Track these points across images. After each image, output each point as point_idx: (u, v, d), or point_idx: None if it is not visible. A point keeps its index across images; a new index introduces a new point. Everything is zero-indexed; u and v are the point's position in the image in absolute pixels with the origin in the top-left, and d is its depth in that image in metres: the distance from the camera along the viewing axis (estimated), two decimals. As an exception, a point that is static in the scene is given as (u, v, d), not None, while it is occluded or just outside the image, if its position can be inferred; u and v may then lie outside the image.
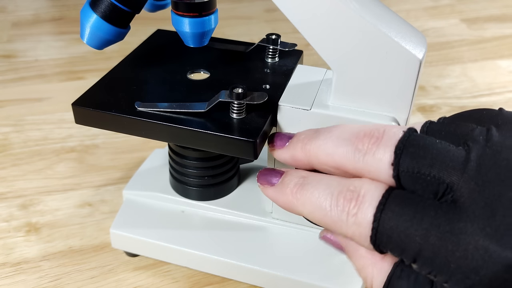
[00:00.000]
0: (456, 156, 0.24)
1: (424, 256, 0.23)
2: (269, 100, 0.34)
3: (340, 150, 0.27)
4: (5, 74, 0.74)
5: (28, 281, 0.43)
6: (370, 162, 0.25)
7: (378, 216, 0.24)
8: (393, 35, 0.30)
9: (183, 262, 0.42)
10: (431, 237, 0.23)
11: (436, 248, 0.23)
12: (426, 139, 0.25)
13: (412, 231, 0.23)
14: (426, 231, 0.23)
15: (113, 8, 0.34)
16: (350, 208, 0.25)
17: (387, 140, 0.25)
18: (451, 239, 0.22)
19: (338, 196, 0.26)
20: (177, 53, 0.43)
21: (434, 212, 0.23)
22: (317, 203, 0.26)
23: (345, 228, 0.25)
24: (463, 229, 0.22)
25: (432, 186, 0.24)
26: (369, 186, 0.25)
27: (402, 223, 0.23)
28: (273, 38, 0.41)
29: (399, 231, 0.23)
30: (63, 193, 0.52)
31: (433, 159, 0.24)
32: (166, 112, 0.35)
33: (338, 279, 0.38)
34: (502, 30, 0.89)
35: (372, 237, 0.24)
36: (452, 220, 0.23)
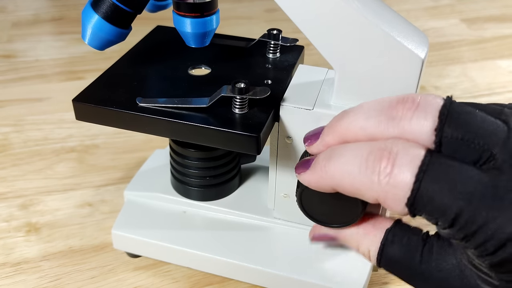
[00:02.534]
0: (498, 125, 0.23)
1: (464, 220, 0.22)
2: (271, 95, 0.34)
3: (372, 121, 0.25)
4: (5, 74, 0.73)
5: (28, 281, 0.43)
6: (408, 128, 0.24)
7: (420, 177, 0.23)
8: (396, 34, 0.30)
9: (185, 262, 0.41)
10: (474, 200, 0.22)
11: (477, 211, 0.22)
12: (467, 107, 0.24)
13: (456, 193, 0.22)
14: (470, 194, 0.22)
15: (114, 8, 0.34)
16: (381, 167, 0.24)
17: (427, 106, 0.24)
18: (493, 204, 0.22)
19: (367, 157, 0.24)
20: (177, 48, 0.43)
21: (479, 176, 0.23)
22: (345, 169, 0.25)
23: (376, 190, 0.24)
24: (505, 196, 0.22)
25: (474, 153, 0.23)
26: (402, 144, 0.24)
27: (445, 185, 0.23)
28: (274, 33, 0.41)
29: (442, 194, 0.22)
30: (63, 193, 0.52)
31: (478, 126, 0.23)
32: (167, 107, 0.35)
33: (339, 279, 0.37)
34: (502, 30, 0.89)
35: (410, 199, 0.23)
36: (496, 185, 0.22)
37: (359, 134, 0.26)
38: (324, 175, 0.26)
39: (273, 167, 0.39)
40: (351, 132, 0.26)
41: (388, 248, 0.27)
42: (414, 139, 0.24)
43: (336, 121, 0.28)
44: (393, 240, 0.27)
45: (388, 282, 0.43)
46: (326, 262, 0.39)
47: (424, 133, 0.24)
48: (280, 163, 0.38)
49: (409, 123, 0.24)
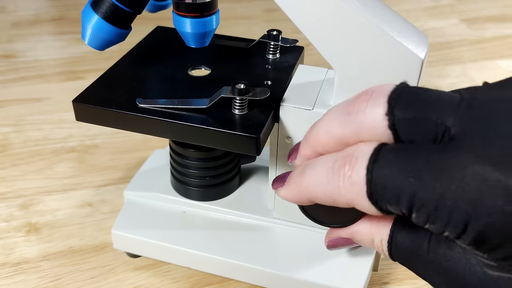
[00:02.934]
0: (451, 98, 0.23)
1: (419, 199, 0.22)
2: (271, 96, 0.34)
3: (334, 123, 0.26)
4: (5, 74, 0.73)
5: (28, 281, 0.43)
6: (364, 119, 0.24)
7: (370, 167, 0.23)
8: (395, 34, 0.30)
9: (185, 262, 0.41)
10: (424, 175, 0.22)
11: (430, 187, 0.21)
12: (419, 88, 0.24)
13: (405, 174, 0.22)
14: (419, 171, 0.22)
15: (114, 8, 0.34)
16: (345, 172, 0.24)
17: (378, 94, 0.24)
18: (445, 174, 0.21)
19: (333, 165, 0.25)
20: (177, 49, 0.43)
21: (427, 152, 0.22)
22: (315, 180, 0.26)
23: (344, 194, 0.24)
24: (458, 161, 0.21)
25: (430, 130, 0.23)
26: (362, 146, 0.24)
27: (395, 168, 0.22)
28: (274, 34, 0.41)
29: (393, 177, 0.22)
30: (63, 193, 0.52)
31: (429, 102, 0.23)
32: (167, 108, 0.35)
33: (340, 278, 0.37)
34: (502, 30, 0.89)
35: (368, 192, 0.23)
36: (446, 156, 0.22)
37: (327, 140, 0.27)
38: (299, 188, 0.27)
39: (273, 167, 0.39)
40: (320, 140, 0.27)
41: (397, 235, 0.27)
42: (372, 129, 0.24)
43: (308, 133, 0.28)
44: (401, 227, 0.27)
45: (388, 282, 0.43)
46: (326, 262, 0.39)
47: (378, 121, 0.24)
48: (280, 163, 0.38)
49: (364, 114, 0.24)
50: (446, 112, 0.23)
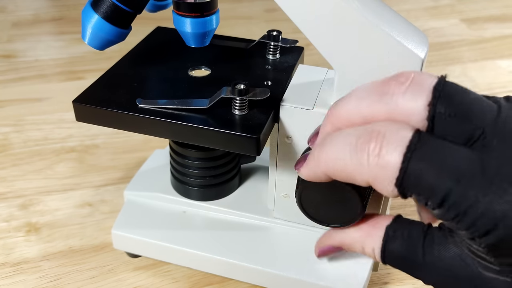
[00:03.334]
0: (489, 104, 0.24)
1: (453, 200, 0.22)
2: (271, 96, 0.34)
3: (365, 101, 0.25)
4: (5, 74, 0.73)
5: (28, 281, 0.43)
6: (402, 103, 0.24)
7: (408, 156, 0.22)
8: (395, 34, 0.30)
9: (185, 262, 0.41)
10: (464, 179, 0.22)
11: (467, 189, 0.22)
12: (460, 86, 0.24)
13: (444, 172, 0.22)
14: (459, 173, 0.22)
15: (114, 8, 0.34)
16: (370, 149, 0.23)
17: (421, 82, 0.24)
18: (484, 182, 0.22)
19: (357, 141, 0.24)
20: (177, 50, 0.43)
21: (468, 154, 0.22)
22: (336, 154, 0.25)
23: (366, 172, 0.24)
24: (495, 172, 0.22)
25: (466, 132, 0.23)
26: (391, 126, 0.24)
27: (434, 164, 0.22)
28: (274, 34, 0.41)
29: (431, 172, 0.22)
30: (63, 193, 0.52)
31: (471, 104, 0.23)
32: (168, 108, 0.35)
33: (339, 279, 0.37)
34: (502, 30, 0.89)
35: (398, 179, 0.23)
36: (485, 163, 0.22)
37: (353, 117, 0.26)
38: (318, 163, 0.26)
39: (273, 167, 0.39)
40: (344, 117, 0.26)
41: (390, 244, 0.27)
42: (407, 115, 0.24)
43: (331, 110, 0.27)
44: (394, 235, 0.27)
45: (388, 282, 0.43)
46: (326, 262, 0.39)
47: (417, 108, 0.24)
48: (280, 163, 0.38)
49: (402, 97, 0.24)
50: (485, 118, 0.23)
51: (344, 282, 0.37)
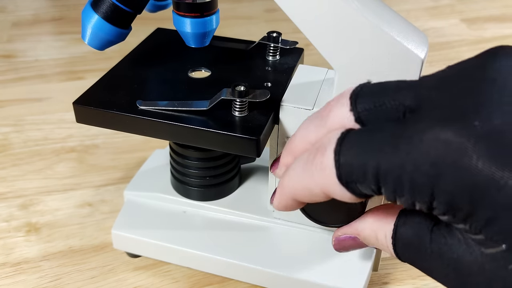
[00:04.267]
0: (410, 82, 0.24)
1: (383, 171, 0.22)
2: (271, 98, 0.34)
3: (310, 128, 0.27)
4: (5, 74, 0.73)
5: (28, 281, 0.43)
6: (333, 119, 0.26)
7: (337, 149, 0.23)
8: (395, 34, 0.30)
9: (185, 262, 0.41)
10: (386, 147, 0.22)
11: (391, 156, 0.21)
12: (379, 82, 0.25)
13: (369, 149, 0.22)
14: (381, 145, 0.22)
15: (114, 8, 0.34)
16: (317, 160, 0.24)
17: (344, 94, 0.26)
18: (404, 141, 0.21)
19: (307, 158, 0.25)
20: (177, 51, 0.43)
21: (389, 127, 0.23)
22: (294, 178, 0.26)
23: (318, 183, 0.24)
24: (416, 128, 0.21)
25: (390, 112, 0.24)
26: (329, 135, 0.25)
27: (360, 147, 0.23)
28: (274, 36, 0.41)
29: (358, 154, 0.22)
30: (63, 193, 0.52)
31: (386, 89, 0.24)
32: (168, 110, 0.35)
33: (340, 278, 0.37)
34: (502, 30, 0.89)
35: (337, 174, 0.23)
36: (405, 126, 0.22)
37: (304, 145, 0.27)
38: (283, 190, 0.28)
39: (273, 167, 0.39)
40: (298, 146, 0.28)
41: (400, 229, 0.27)
42: (341, 125, 0.25)
43: (288, 141, 0.29)
44: (405, 221, 0.27)
45: (388, 282, 0.43)
46: (326, 262, 0.39)
47: (345, 117, 0.25)
48: (280, 163, 0.38)
49: (333, 114, 0.26)
50: (404, 94, 0.24)
51: (344, 282, 0.37)
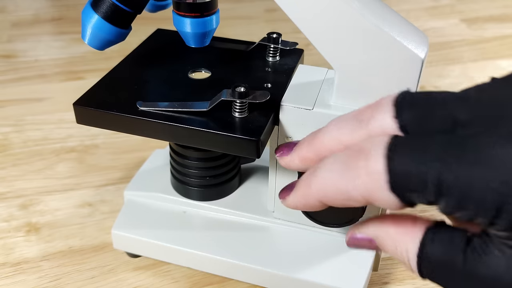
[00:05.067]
0: (459, 94, 0.24)
1: (447, 184, 0.21)
2: (271, 99, 0.34)
3: (345, 130, 0.26)
4: (5, 74, 0.73)
5: (28, 281, 0.43)
6: (375, 124, 0.25)
7: (391, 155, 0.22)
8: (395, 34, 0.30)
9: (185, 262, 0.41)
10: (449, 158, 0.21)
11: (458, 169, 0.21)
12: (424, 92, 0.25)
13: (429, 158, 0.22)
14: (443, 155, 0.21)
15: (114, 8, 0.34)
16: (359, 165, 0.23)
17: (385, 101, 0.25)
18: (471, 156, 0.21)
19: (346, 161, 0.24)
20: (177, 52, 0.43)
21: (446, 137, 0.22)
22: (328, 179, 0.25)
23: (360, 188, 0.23)
24: (482, 143, 0.21)
25: (440, 123, 0.23)
26: (374, 139, 0.24)
27: (417, 154, 0.22)
28: (274, 37, 0.41)
29: (416, 163, 0.22)
30: (63, 193, 0.52)
31: (434, 99, 0.24)
32: (168, 111, 0.35)
33: (340, 278, 0.37)
34: (502, 30, 0.89)
35: (390, 181, 0.22)
36: (467, 140, 0.21)
37: (335, 146, 0.27)
38: (310, 190, 0.26)
39: (273, 167, 0.39)
40: (326, 146, 0.27)
41: (428, 247, 0.25)
42: (383, 133, 0.25)
43: (311, 136, 0.28)
44: (433, 238, 0.25)
45: (388, 282, 0.43)
46: (326, 262, 0.39)
47: (388, 125, 0.24)
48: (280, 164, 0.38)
49: (374, 120, 0.25)
50: (455, 106, 0.23)
51: (344, 282, 0.37)
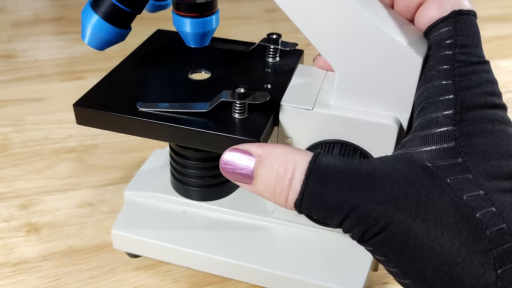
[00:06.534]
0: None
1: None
2: (271, 100, 0.34)
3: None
4: (5, 74, 0.73)
5: (28, 281, 0.43)
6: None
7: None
8: (395, 34, 0.30)
9: (185, 262, 0.42)
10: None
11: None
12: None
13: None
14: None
15: (114, 8, 0.34)
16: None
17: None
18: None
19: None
20: (177, 53, 0.43)
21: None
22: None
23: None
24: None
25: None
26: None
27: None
28: (274, 37, 0.41)
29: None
30: (63, 193, 0.52)
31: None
32: (168, 112, 0.35)
33: (340, 278, 0.38)
34: (502, 30, 0.89)
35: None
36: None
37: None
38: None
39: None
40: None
41: (321, 157, 0.26)
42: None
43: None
44: (325, 154, 0.27)
45: (388, 282, 0.43)
46: (326, 262, 0.39)
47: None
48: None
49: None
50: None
51: (344, 282, 0.37)
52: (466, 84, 0.27)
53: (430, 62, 0.29)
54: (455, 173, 0.25)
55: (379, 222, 0.24)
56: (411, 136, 0.27)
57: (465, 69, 0.28)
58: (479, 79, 0.28)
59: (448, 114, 0.26)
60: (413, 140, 0.27)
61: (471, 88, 0.27)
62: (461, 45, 0.28)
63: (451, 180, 0.24)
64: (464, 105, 0.27)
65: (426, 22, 0.31)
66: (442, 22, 0.30)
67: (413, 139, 0.27)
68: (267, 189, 0.27)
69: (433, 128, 0.26)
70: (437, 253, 0.24)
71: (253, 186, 0.28)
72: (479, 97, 0.27)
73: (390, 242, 0.24)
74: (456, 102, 0.27)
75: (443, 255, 0.23)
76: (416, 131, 0.27)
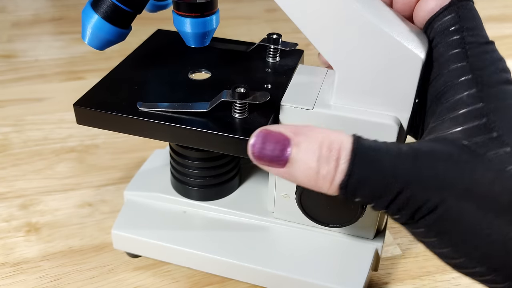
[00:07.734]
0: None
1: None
2: (271, 100, 0.34)
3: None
4: (5, 74, 0.73)
5: (28, 281, 0.43)
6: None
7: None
8: (396, 34, 0.30)
9: (185, 262, 0.42)
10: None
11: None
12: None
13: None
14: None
15: (114, 8, 0.34)
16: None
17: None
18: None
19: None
20: (178, 53, 0.43)
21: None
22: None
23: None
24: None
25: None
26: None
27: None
28: (274, 37, 0.41)
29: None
30: (63, 193, 0.52)
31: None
32: (168, 112, 0.35)
33: (340, 278, 0.38)
34: (502, 30, 0.89)
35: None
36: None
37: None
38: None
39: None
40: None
41: (362, 139, 0.26)
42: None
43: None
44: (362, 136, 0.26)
45: (388, 282, 0.43)
46: (326, 262, 0.39)
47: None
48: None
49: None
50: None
51: (344, 282, 0.37)
52: (481, 63, 0.28)
53: (440, 49, 0.30)
54: (493, 148, 0.25)
55: (430, 201, 0.24)
56: (440, 120, 0.28)
57: (477, 50, 0.28)
58: (492, 58, 0.28)
59: (471, 93, 0.27)
60: (443, 124, 0.27)
61: (487, 67, 0.28)
62: (467, 28, 0.29)
63: (491, 155, 0.25)
64: (484, 83, 0.27)
65: (426, 14, 0.31)
66: (445, 11, 0.30)
67: (442, 123, 0.27)
68: (307, 172, 0.25)
69: (460, 108, 0.27)
70: (489, 228, 0.24)
71: (287, 170, 0.26)
72: (495, 74, 0.27)
73: (443, 221, 0.24)
74: (477, 81, 0.27)
75: (495, 230, 0.24)
76: (442, 115, 0.28)
